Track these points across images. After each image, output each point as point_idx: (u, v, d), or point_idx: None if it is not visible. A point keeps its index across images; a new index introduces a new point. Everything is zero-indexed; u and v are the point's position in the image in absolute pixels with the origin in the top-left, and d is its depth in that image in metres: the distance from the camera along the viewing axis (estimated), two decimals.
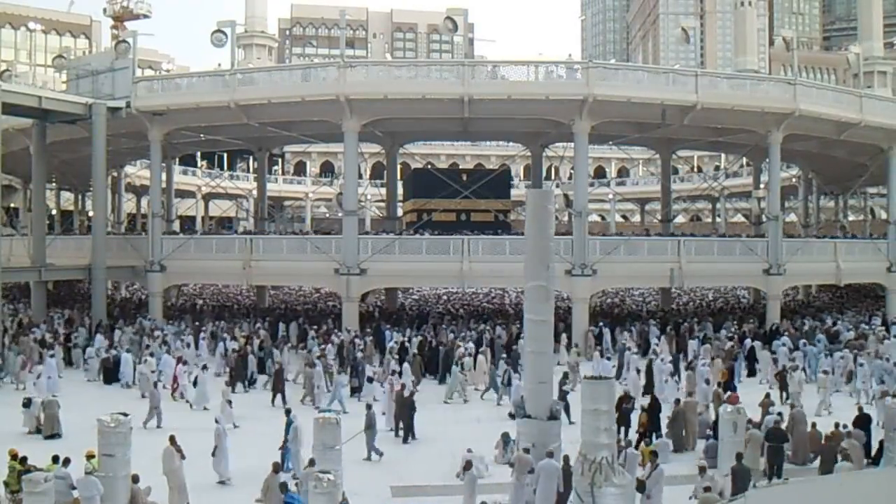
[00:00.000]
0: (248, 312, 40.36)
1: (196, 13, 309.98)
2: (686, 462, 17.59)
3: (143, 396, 22.83)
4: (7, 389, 25.09)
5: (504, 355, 26.95)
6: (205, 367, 24.72)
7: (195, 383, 23.20)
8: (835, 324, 35.66)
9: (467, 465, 14.25)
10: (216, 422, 16.69)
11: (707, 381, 22.53)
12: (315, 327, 32.83)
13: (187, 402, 23.20)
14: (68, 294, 47.12)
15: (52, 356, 25.61)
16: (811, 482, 13.65)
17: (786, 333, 31.96)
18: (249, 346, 28.10)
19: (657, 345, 30.16)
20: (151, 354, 26.72)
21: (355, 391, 24.13)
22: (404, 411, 19.86)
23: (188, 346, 29.08)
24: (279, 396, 22.97)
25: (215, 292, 54.41)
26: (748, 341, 30.08)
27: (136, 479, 13.34)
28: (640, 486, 13.46)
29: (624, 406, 19.44)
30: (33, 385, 23.35)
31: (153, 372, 24.27)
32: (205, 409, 22.01)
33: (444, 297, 51.38)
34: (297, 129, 37.66)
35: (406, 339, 29.69)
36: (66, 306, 41.41)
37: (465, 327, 34.09)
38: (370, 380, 23.66)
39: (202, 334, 31.44)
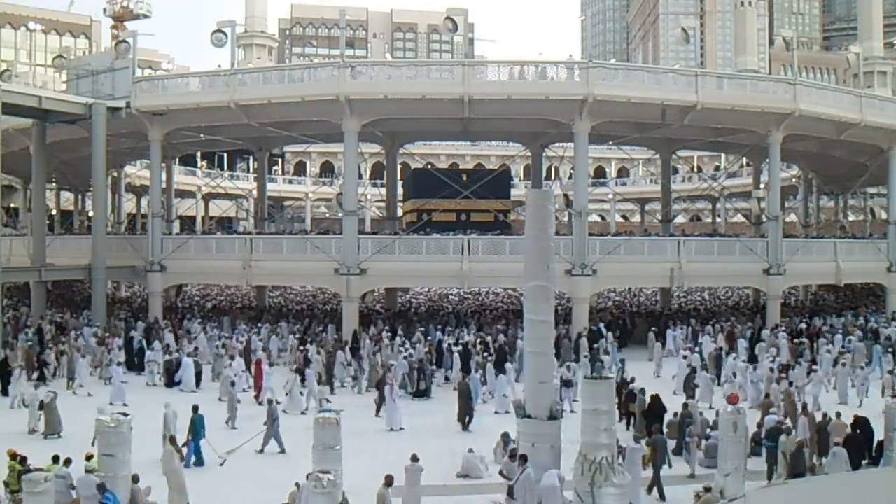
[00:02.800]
0: (287, 314, 39.76)
1: (196, 13, 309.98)
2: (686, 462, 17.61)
3: (220, 400, 22.37)
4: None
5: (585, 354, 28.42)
6: (297, 370, 24.37)
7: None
8: (867, 321, 36.07)
9: (413, 458, 14.40)
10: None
11: (778, 381, 22.48)
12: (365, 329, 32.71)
13: (259, 403, 22.91)
14: (79, 294, 46.85)
15: (119, 363, 25.12)
16: (811, 482, 13.67)
17: (840, 331, 32.51)
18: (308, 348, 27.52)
19: (713, 341, 30.32)
20: (232, 357, 26.36)
21: (423, 394, 24.23)
22: (463, 401, 20.77)
23: (264, 349, 28.67)
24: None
25: (218, 293, 54.23)
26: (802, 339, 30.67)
27: (136, 478, 13.36)
28: (510, 492, 13.66)
29: (625, 390, 20.70)
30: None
31: (236, 375, 23.99)
32: (302, 413, 21.86)
33: (455, 298, 50.85)
34: (297, 129, 37.63)
35: (456, 339, 29.76)
36: (67, 307, 41.37)
37: (515, 327, 33.66)
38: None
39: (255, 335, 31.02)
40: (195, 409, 17.88)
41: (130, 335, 30.69)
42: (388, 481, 13.48)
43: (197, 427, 17.40)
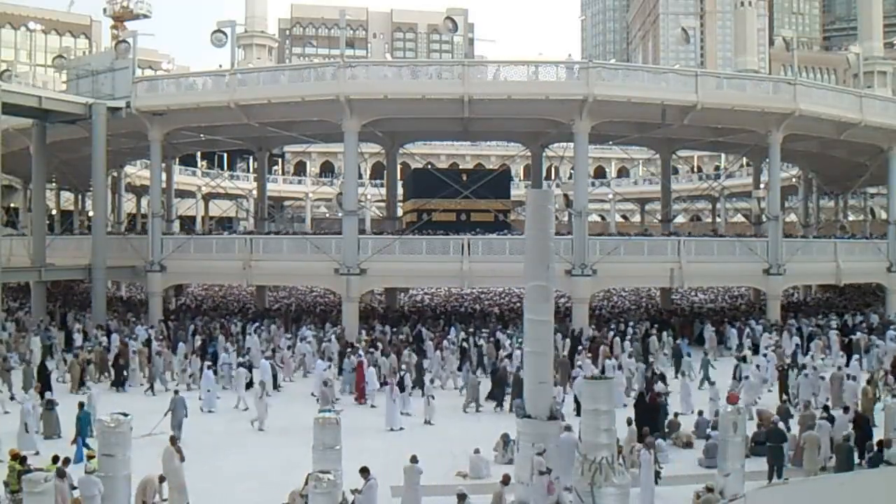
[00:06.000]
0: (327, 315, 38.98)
1: (196, 13, 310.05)
2: (687, 462, 17.61)
3: (317, 402, 22.22)
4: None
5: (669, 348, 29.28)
6: (407, 373, 24.05)
7: (401, 388, 22.51)
8: None
9: (412, 459, 14.51)
10: None
11: (852, 378, 22.36)
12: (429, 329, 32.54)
13: (372, 406, 23.01)
14: (79, 294, 46.67)
15: (209, 367, 24.61)
16: (811, 482, 13.68)
17: (891, 327, 32.68)
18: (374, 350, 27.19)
19: (772, 339, 30.32)
20: (331, 360, 26.28)
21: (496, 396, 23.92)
22: (500, 387, 22.02)
23: (368, 353, 27.75)
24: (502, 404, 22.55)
25: (220, 293, 54.14)
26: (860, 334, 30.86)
27: (163, 479, 13.79)
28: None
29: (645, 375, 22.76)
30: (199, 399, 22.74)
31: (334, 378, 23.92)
32: (408, 414, 21.81)
33: (468, 298, 50.52)
34: (297, 129, 37.65)
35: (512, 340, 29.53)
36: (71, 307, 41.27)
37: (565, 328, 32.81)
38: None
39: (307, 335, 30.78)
40: (80, 406, 18.10)
41: (202, 340, 30.10)
42: (505, 480, 13.64)
43: (83, 424, 17.59)
